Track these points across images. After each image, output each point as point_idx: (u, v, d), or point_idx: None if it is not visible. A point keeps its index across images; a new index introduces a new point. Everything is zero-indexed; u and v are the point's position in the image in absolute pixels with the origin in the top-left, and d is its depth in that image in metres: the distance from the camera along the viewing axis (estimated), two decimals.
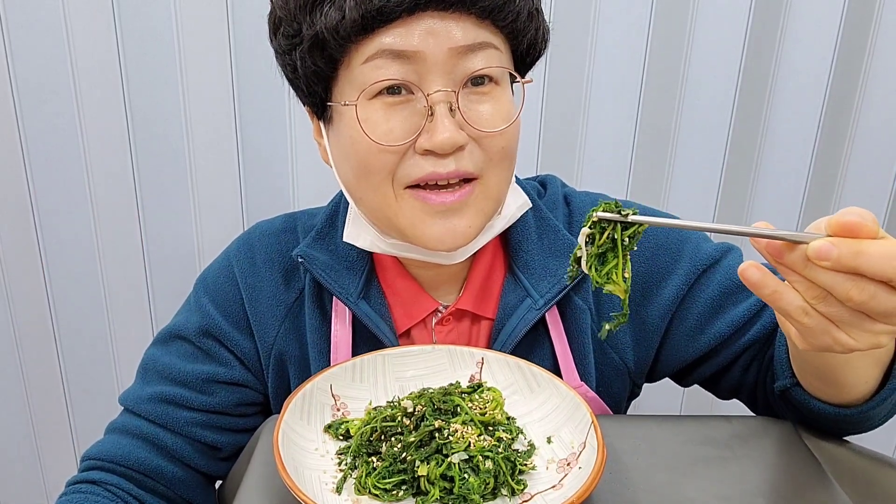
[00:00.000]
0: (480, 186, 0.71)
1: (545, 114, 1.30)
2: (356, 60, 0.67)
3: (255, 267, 0.83)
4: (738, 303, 0.79)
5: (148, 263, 1.33)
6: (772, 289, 0.50)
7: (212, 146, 1.26)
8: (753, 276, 0.50)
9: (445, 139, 0.66)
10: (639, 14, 1.26)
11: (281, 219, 0.88)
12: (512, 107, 0.71)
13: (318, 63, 0.69)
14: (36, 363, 1.36)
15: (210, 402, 0.80)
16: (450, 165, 0.68)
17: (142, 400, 0.80)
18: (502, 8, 0.67)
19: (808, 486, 0.64)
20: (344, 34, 0.65)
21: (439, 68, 0.66)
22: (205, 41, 1.20)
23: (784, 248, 0.49)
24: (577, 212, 0.84)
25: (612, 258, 0.57)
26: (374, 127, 0.68)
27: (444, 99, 0.67)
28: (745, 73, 1.30)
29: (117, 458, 0.77)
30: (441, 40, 0.65)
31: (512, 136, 0.71)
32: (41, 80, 1.19)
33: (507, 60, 0.71)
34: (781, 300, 0.50)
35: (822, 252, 0.46)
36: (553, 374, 0.70)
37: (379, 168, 0.69)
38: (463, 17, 0.66)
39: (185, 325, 0.82)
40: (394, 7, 0.64)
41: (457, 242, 0.71)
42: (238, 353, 0.82)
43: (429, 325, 0.82)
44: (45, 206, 1.26)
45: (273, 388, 0.83)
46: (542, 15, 0.73)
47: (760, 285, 0.51)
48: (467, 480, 0.59)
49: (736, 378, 0.81)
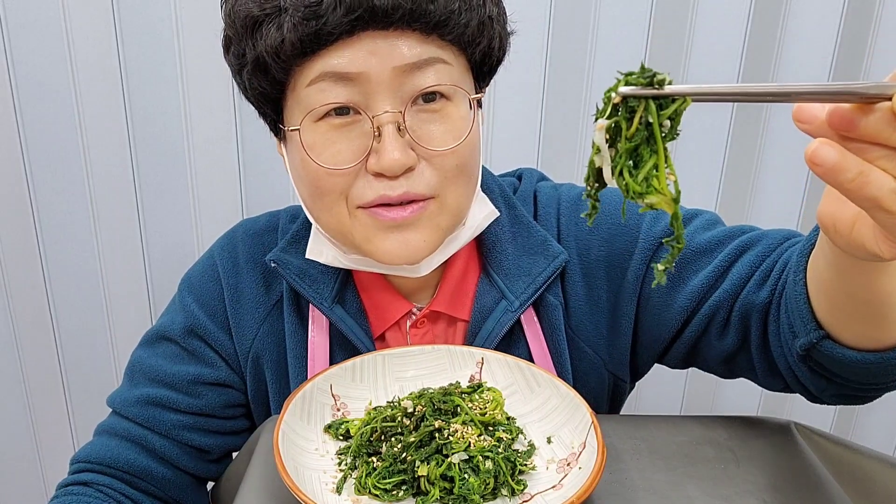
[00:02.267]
0: (436, 203, 0.69)
1: (545, 114, 1.30)
2: (300, 83, 0.66)
3: (237, 267, 0.83)
4: (698, 271, 0.74)
5: (148, 263, 1.33)
6: (857, 170, 0.36)
7: (212, 146, 1.26)
8: (830, 157, 0.36)
9: (393, 161, 0.64)
10: (638, 14, 1.26)
11: (265, 217, 0.87)
12: (464, 123, 0.68)
13: (264, 85, 0.68)
14: (36, 363, 1.36)
15: (197, 404, 0.80)
16: (400, 188, 0.66)
17: (129, 402, 0.79)
18: (446, 23, 0.64)
19: (808, 486, 0.64)
20: (285, 57, 0.64)
21: (385, 88, 0.64)
22: (205, 41, 1.20)
23: (855, 113, 0.36)
24: (541, 206, 0.82)
25: (647, 155, 0.41)
26: (321, 151, 0.67)
27: (391, 120, 0.65)
28: (745, 72, 1.30)
29: (107, 459, 0.77)
30: (385, 59, 0.63)
31: (466, 152, 0.69)
32: (41, 79, 1.19)
33: (460, 73, 0.69)
34: (870, 184, 0.37)
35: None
36: (553, 375, 0.70)
37: (329, 189, 0.68)
38: (406, 33, 0.64)
39: (170, 325, 0.82)
40: (331, 30, 0.62)
41: (412, 257, 0.69)
42: (223, 353, 0.81)
43: (403, 327, 0.81)
44: (45, 205, 1.26)
45: (252, 390, 0.83)
46: (497, 22, 0.70)
47: (840, 168, 0.36)
48: (467, 480, 0.59)
49: (716, 348, 0.74)
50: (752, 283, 0.70)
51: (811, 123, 0.38)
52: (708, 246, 0.74)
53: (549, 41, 1.26)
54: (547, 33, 1.26)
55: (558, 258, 0.77)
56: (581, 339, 0.80)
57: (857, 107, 0.35)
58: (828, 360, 0.61)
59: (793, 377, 0.68)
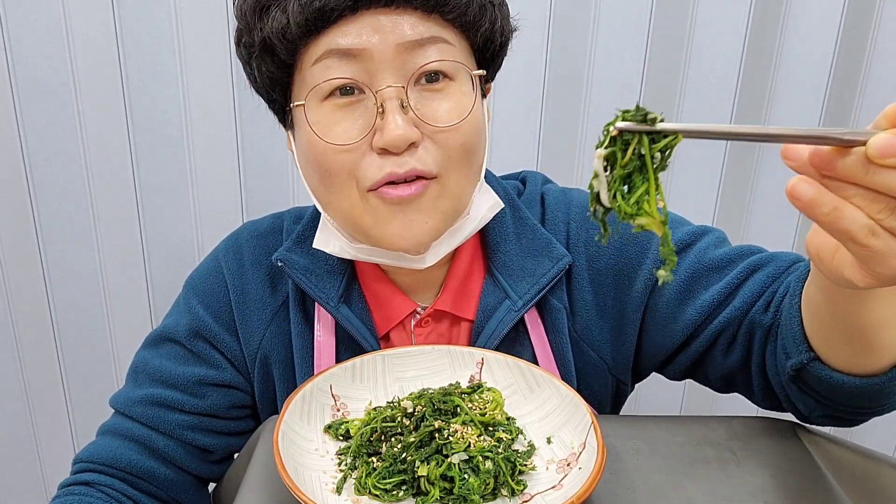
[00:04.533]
0: (437, 185, 0.70)
1: (545, 114, 1.30)
2: (306, 63, 0.68)
3: (242, 269, 0.83)
4: (709, 286, 0.75)
5: (148, 263, 1.33)
6: (831, 206, 0.40)
7: (212, 146, 1.26)
8: (807, 193, 0.41)
9: (398, 136, 0.65)
10: (638, 14, 1.26)
11: (269, 219, 0.88)
12: (468, 101, 0.69)
13: (271, 68, 0.69)
14: (36, 363, 1.36)
15: (201, 404, 0.80)
16: (407, 164, 0.67)
17: (133, 402, 0.80)
18: (446, 2, 0.66)
19: (808, 486, 0.64)
20: (290, 38, 0.66)
21: (388, 65, 0.66)
22: (205, 41, 1.20)
23: (834, 155, 0.39)
24: (549, 210, 0.83)
25: (639, 182, 0.46)
26: (327, 129, 0.68)
27: (394, 95, 0.66)
28: (745, 72, 1.30)
29: (109, 460, 0.77)
30: (388, 37, 0.65)
31: (470, 131, 0.70)
32: (41, 79, 1.19)
33: (462, 54, 0.70)
34: (843, 219, 0.40)
35: (888, 147, 0.37)
36: (553, 375, 0.70)
37: (338, 169, 0.69)
38: (408, 11, 0.66)
39: (174, 327, 0.82)
40: (334, 6, 0.64)
41: (416, 238, 0.70)
42: (228, 354, 0.82)
43: (407, 326, 0.81)
44: (45, 205, 1.26)
45: (259, 391, 0.83)
46: (499, 8, 0.72)
47: (815, 203, 0.41)
48: (467, 481, 0.59)
49: (719, 364, 0.77)
50: (759, 304, 0.72)
51: (796, 161, 0.42)
52: (720, 263, 0.76)
53: (549, 41, 1.26)
54: (547, 33, 1.26)
55: (562, 260, 0.78)
56: (586, 343, 0.81)
57: (837, 149, 0.39)
58: (816, 381, 0.64)
59: (785, 396, 0.71)
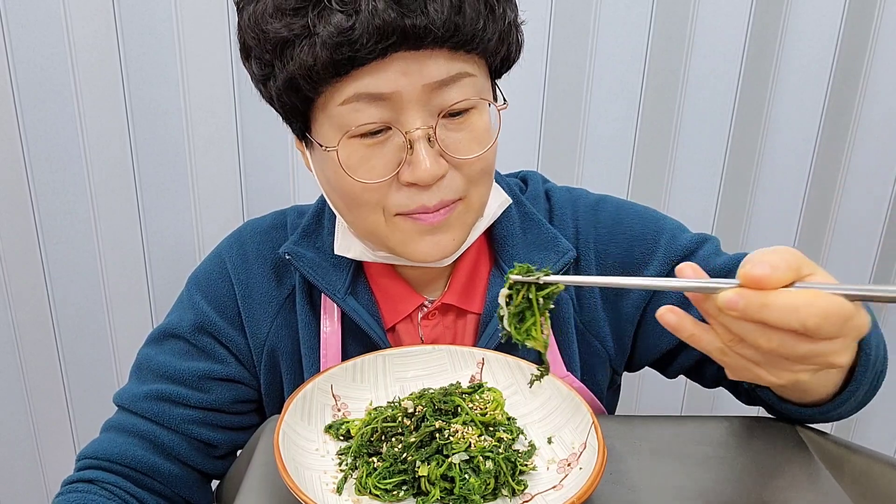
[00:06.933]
0: (463, 204, 0.72)
1: (545, 114, 1.30)
2: (332, 101, 0.67)
3: (247, 264, 0.84)
4: None
5: (148, 262, 1.33)
6: (689, 332, 0.53)
7: (212, 144, 1.26)
8: (671, 321, 0.53)
9: (427, 173, 0.67)
10: (639, 14, 1.26)
11: (271, 216, 0.89)
12: (489, 130, 0.71)
13: (294, 101, 0.68)
14: (36, 362, 1.36)
15: (206, 399, 0.80)
16: (435, 197, 0.69)
17: (137, 398, 0.80)
18: (472, 39, 0.66)
19: (808, 486, 0.64)
20: (317, 78, 0.65)
21: (415, 104, 0.66)
22: (205, 39, 1.20)
23: (702, 297, 0.52)
24: (556, 207, 0.85)
25: (529, 316, 0.61)
26: (356, 168, 0.68)
27: (423, 135, 0.67)
28: (745, 72, 1.30)
29: (114, 456, 0.77)
30: (415, 78, 0.65)
31: (490, 157, 0.72)
32: (41, 79, 1.19)
33: (483, 81, 0.71)
34: (700, 342, 0.53)
35: (730, 303, 0.48)
36: (553, 375, 0.70)
37: (366, 202, 0.70)
38: (436, 52, 0.65)
39: (178, 323, 0.82)
40: (366, 55, 0.63)
41: (444, 254, 0.73)
42: (233, 349, 0.82)
43: (415, 320, 0.82)
44: (45, 205, 1.26)
45: (265, 384, 0.84)
46: (515, 25, 0.72)
47: (678, 328, 0.53)
48: (468, 481, 0.59)
49: (716, 369, 0.81)
50: None
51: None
52: (721, 272, 0.78)
53: (549, 41, 1.26)
54: (547, 33, 1.26)
55: (567, 254, 0.80)
56: (592, 333, 0.83)
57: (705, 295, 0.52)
58: (764, 403, 0.76)
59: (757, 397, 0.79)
